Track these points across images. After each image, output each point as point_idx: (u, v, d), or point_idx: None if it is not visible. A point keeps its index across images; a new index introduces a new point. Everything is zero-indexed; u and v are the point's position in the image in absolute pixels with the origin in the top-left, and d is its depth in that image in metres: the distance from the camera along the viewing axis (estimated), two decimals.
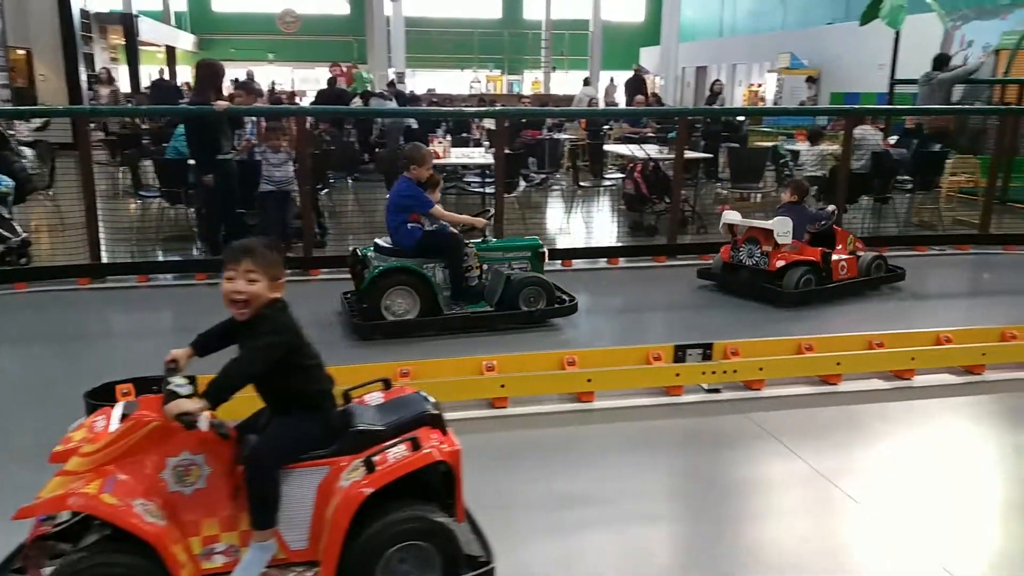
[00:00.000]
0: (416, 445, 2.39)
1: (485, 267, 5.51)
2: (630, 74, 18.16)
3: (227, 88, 9.25)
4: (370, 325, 5.15)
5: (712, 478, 3.52)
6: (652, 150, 9.69)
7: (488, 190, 8.77)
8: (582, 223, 9.56)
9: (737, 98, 25.29)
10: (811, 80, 20.81)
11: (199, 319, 2.68)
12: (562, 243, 8.30)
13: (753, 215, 7.15)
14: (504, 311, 5.34)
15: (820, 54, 21.46)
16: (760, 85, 23.94)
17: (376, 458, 2.36)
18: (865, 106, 14.74)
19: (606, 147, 11.36)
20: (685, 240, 8.01)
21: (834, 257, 6.19)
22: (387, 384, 2.81)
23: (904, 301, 6.33)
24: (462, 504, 2.52)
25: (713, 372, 4.33)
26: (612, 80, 24.04)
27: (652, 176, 8.65)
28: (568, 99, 22.15)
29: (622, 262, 7.47)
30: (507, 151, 7.97)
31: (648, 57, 29.93)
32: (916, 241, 8.24)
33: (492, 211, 6.30)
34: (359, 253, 5.52)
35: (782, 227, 5.98)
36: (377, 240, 5.50)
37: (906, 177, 9.16)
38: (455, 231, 5.45)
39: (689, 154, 8.99)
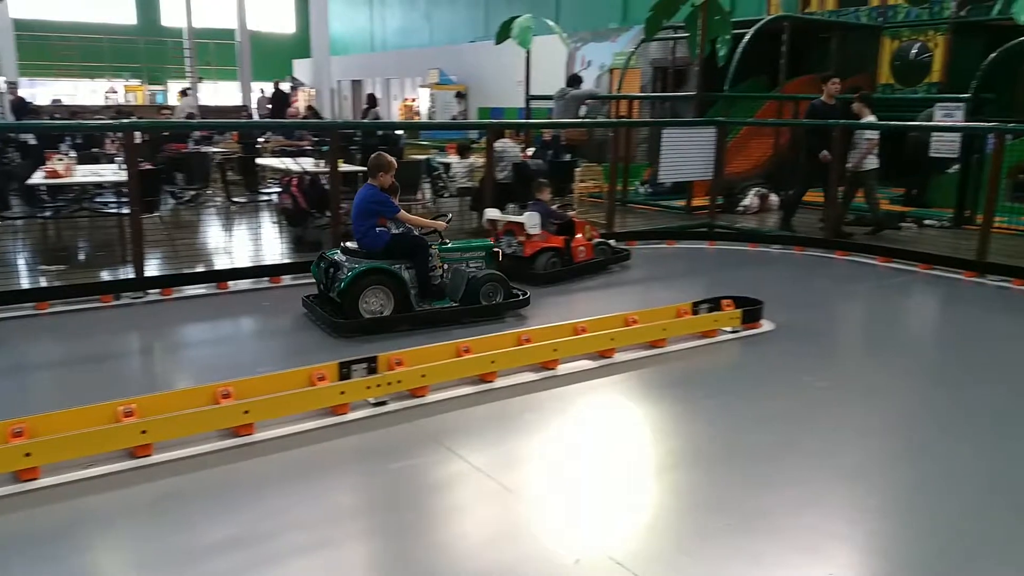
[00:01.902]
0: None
1: (446, 266, 6.08)
2: (286, 86, 17.78)
3: None
4: (353, 323, 5.57)
5: (381, 492, 3.52)
6: (308, 163, 9.54)
7: (125, 210, 8.00)
8: (241, 241, 9.13)
9: (394, 112, 25.93)
10: (460, 95, 21.98)
11: None
12: (220, 263, 7.85)
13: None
14: (467, 305, 5.89)
15: (466, 70, 22.75)
16: (414, 99, 24.75)
17: None
18: (506, 120, 15.87)
19: (259, 160, 10.96)
20: None
21: (575, 244, 7.50)
22: None
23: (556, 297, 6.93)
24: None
25: (378, 385, 4.34)
26: (263, 91, 23.33)
27: (310, 190, 8.52)
28: (220, 110, 21.08)
29: (286, 280, 7.26)
30: (148, 166, 7.34)
31: (302, 69, 29.51)
32: None
33: (450, 215, 6.61)
34: (326, 256, 5.97)
35: (531, 220, 7.20)
36: (345, 243, 5.98)
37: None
38: (419, 234, 5.97)
39: (345, 167, 8.99)
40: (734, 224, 10.00)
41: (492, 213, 7.64)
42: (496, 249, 6.42)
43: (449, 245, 6.17)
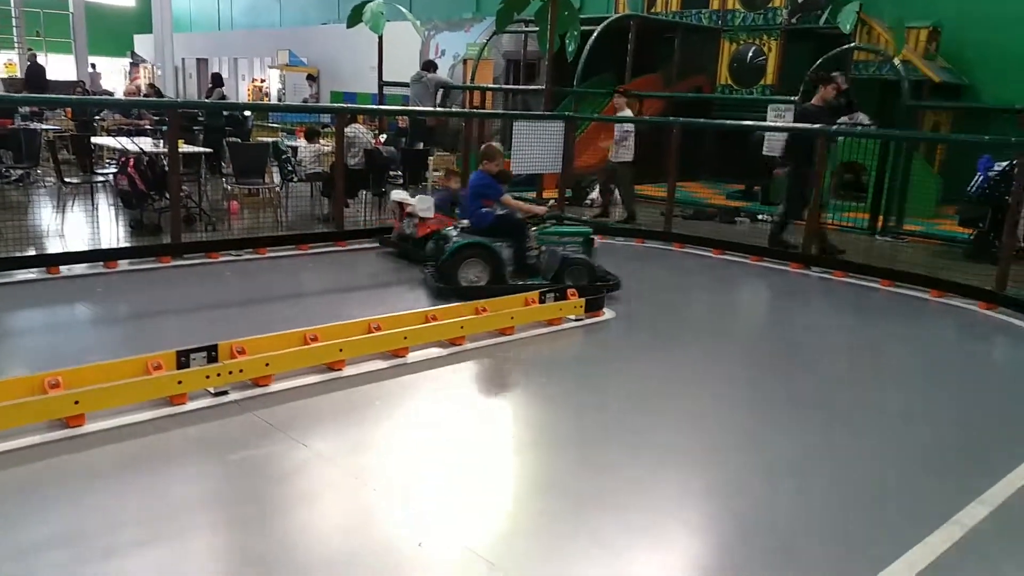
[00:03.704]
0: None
1: (543, 248, 6.62)
2: (124, 61, 16.75)
3: None
4: (451, 288, 6.33)
5: (221, 484, 3.46)
6: (146, 143, 9.08)
7: None
8: (78, 224, 8.58)
9: (243, 92, 24.98)
10: (312, 78, 21.44)
11: None
12: (53, 247, 7.35)
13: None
14: (556, 285, 6.22)
15: (318, 53, 22.22)
16: (264, 80, 23.94)
17: None
18: (358, 105, 15.66)
19: (95, 140, 10.31)
20: (196, 238, 7.73)
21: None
22: None
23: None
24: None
25: (219, 374, 4.24)
26: (94, 66, 21.94)
27: (148, 171, 8.12)
28: (58, 84, 19.52)
29: (123, 264, 6.91)
30: None
31: (144, 45, 27.88)
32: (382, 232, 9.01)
33: (552, 202, 7.00)
34: (441, 232, 6.79)
35: (422, 204, 7.76)
36: (460, 222, 6.81)
37: (398, 172, 10.02)
38: (520, 217, 6.62)
39: (186, 148, 8.63)
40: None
41: (399, 195, 8.13)
42: (593, 237, 6.92)
43: (549, 228, 6.76)
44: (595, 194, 11.72)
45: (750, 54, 13.62)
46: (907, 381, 5.36)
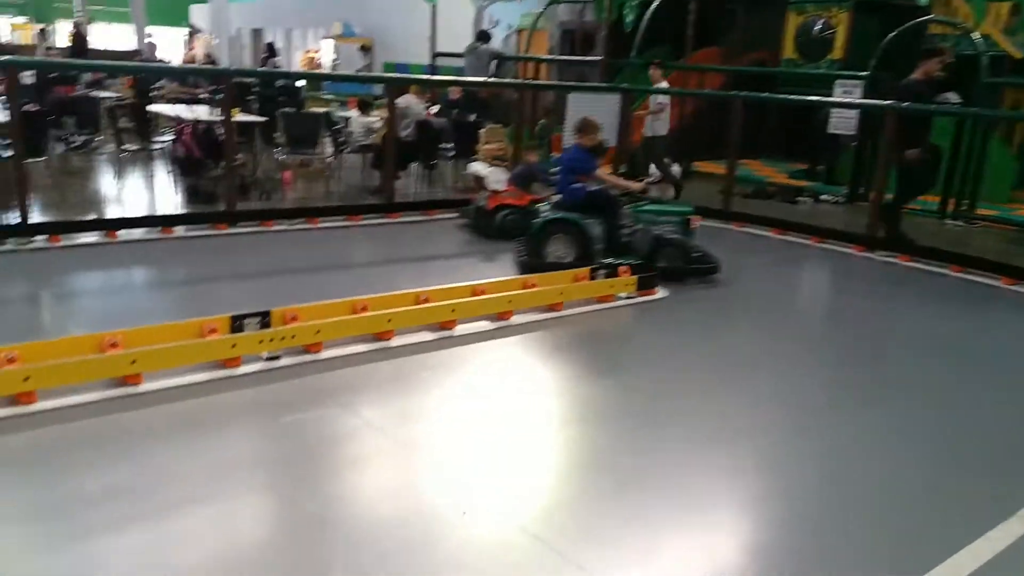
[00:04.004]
0: None
1: (640, 226, 6.30)
2: (181, 31, 16.97)
3: None
4: (536, 263, 6.17)
5: (272, 445, 3.51)
6: (202, 112, 9.20)
7: (6, 153, 7.56)
8: (136, 190, 8.76)
9: (296, 63, 25.14)
10: (365, 49, 21.46)
11: None
12: (112, 212, 7.53)
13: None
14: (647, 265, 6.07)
15: (372, 24, 22.21)
16: (317, 51, 24.06)
17: None
18: (410, 75, 15.60)
19: (152, 108, 10.48)
20: (251, 207, 7.83)
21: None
22: None
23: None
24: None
25: (271, 340, 4.30)
26: (151, 36, 22.26)
27: (204, 139, 8.23)
28: (112, 54, 19.92)
29: (179, 230, 7.04)
30: (34, 108, 6.94)
31: (200, 15, 28.21)
32: (461, 204, 9.02)
33: (652, 177, 6.81)
34: (518, 206, 6.98)
35: (493, 176, 7.94)
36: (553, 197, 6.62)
37: (448, 145, 9.99)
38: (613, 193, 6.35)
39: (241, 117, 8.72)
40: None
41: (475, 167, 8.27)
42: (692, 216, 6.50)
43: (646, 206, 6.44)
44: (651, 169, 11.56)
45: (817, 26, 13.17)
46: (973, 371, 5.19)
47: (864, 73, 10.77)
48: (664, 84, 10.40)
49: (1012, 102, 11.54)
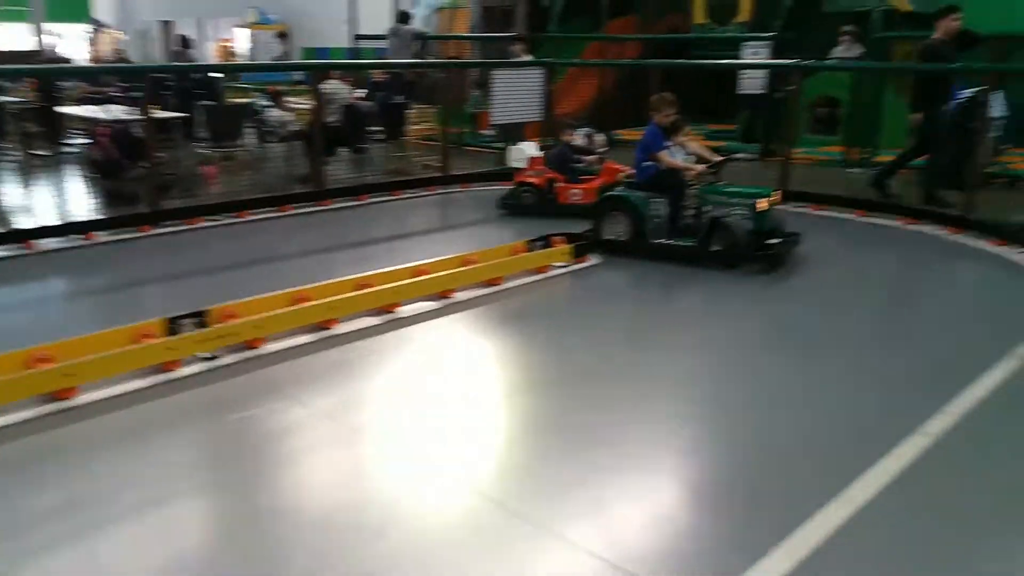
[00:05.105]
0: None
1: (709, 208, 5.97)
2: (84, 27, 16.26)
3: None
4: (595, 242, 6.21)
5: (219, 445, 3.45)
6: (119, 111, 8.88)
7: None
8: (51, 197, 8.42)
9: (210, 54, 24.40)
10: (282, 35, 20.94)
11: None
12: (26, 222, 7.21)
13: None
14: (703, 249, 5.90)
15: (287, 9, 21.66)
16: (231, 41, 23.40)
17: None
18: (334, 61, 15.34)
19: (62, 110, 10.07)
20: (175, 205, 7.60)
21: (560, 186, 7.58)
22: None
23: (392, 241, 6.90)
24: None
25: (210, 339, 4.20)
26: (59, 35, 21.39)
27: (122, 139, 7.96)
28: (10, 55, 19.01)
29: (102, 235, 6.79)
30: None
31: (103, 9, 27.11)
32: (393, 187, 8.95)
33: (720, 159, 6.35)
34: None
35: (517, 154, 8.14)
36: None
37: (377, 128, 9.86)
38: (682, 174, 6.08)
39: (160, 114, 8.45)
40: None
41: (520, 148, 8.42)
42: (754, 201, 5.93)
43: (718, 186, 6.12)
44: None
45: None
46: (878, 307, 5.43)
47: (770, 34, 11.00)
48: (528, 58, 10.39)
49: (902, 54, 11.96)
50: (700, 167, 6.19)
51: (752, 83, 10.39)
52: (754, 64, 10.31)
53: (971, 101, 8.13)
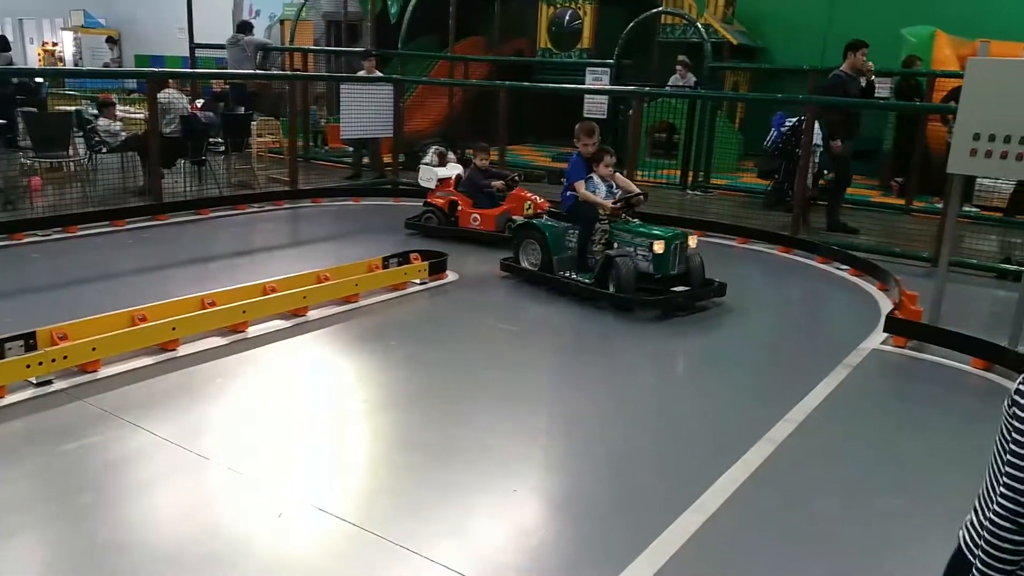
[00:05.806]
0: None
1: (615, 244, 5.73)
2: None
3: None
4: (514, 268, 6.24)
5: (54, 477, 3.20)
6: None
7: None
8: None
9: (32, 58, 22.66)
10: (112, 41, 19.81)
11: None
12: None
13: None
14: (595, 287, 5.66)
15: (117, 14, 20.54)
16: (56, 44, 21.87)
17: None
18: (172, 69, 14.68)
19: None
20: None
21: (473, 212, 7.41)
22: None
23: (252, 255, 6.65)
24: None
25: (40, 363, 3.90)
26: None
27: None
28: None
29: None
30: None
31: None
32: (238, 200, 8.64)
33: (632, 194, 6.01)
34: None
35: (424, 174, 8.16)
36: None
37: (219, 139, 9.50)
38: (593, 209, 5.83)
39: None
40: (417, 181, 10.28)
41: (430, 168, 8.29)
42: (651, 241, 5.52)
43: (629, 225, 5.81)
44: (428, 158, 11.65)
45: (567, 18, 13.88)
46: (716, 320, 5.77)
47: (609, 61, 11.55)
48: (377, 73, 10.47)
49: (731, 84, 12.93)
50: (608, 202, 5.85)
51: (597, 107, 10.83)
52: (597, 90, 10.75)
53: (793, 129, 8.90)
